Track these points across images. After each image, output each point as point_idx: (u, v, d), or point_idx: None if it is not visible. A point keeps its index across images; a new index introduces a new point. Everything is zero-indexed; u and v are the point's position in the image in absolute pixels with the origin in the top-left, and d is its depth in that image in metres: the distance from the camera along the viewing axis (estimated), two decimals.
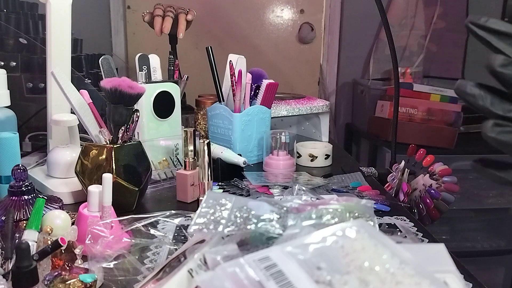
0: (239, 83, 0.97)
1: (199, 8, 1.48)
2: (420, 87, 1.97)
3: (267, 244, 0.44)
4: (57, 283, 0.48)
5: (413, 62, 2.30)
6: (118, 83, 0.69)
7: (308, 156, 1.04)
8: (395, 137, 1.14)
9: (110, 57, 0.89)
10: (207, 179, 0.74)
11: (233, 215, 0.45)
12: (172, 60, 1.02)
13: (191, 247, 0.46)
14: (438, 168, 0.89)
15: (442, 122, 1.93)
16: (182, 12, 1.27)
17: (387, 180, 0.99)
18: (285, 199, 0.52)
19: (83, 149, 0.74)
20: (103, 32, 2.20)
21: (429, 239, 0.67)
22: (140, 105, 0.83)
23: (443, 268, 0.40)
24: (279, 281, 0.35)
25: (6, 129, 0.77)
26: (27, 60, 1.09)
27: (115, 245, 0.54)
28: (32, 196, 0.62)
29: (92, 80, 1.23)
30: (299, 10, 2.29)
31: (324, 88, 2.38)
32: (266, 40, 2.29)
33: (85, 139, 0.85)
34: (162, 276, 0.44)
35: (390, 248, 0.38)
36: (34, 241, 0.53)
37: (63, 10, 0.85)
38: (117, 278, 0.52)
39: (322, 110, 1.22)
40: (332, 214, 0.45)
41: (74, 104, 0.74)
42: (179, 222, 0.62)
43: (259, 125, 1.02)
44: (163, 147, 0.92)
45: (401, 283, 0.35)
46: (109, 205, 0.60)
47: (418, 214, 0.89)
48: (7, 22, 1.13)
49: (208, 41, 1.99)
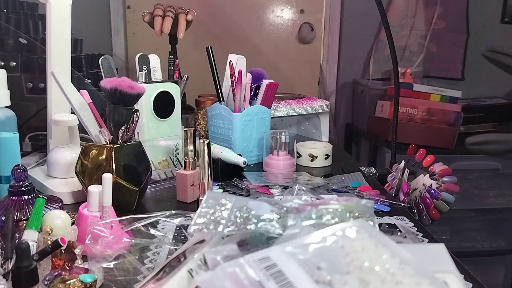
0: (239, 83, 0.97)
1: (199, 8, 1.48)
2: (420, 87, 1.97)
3: (267, 244, 0.44)
4: (57, 283, 0.48)
5: (413, 62, 2.30)
6: (118, 83, 0.69)
7: (308, 156, 1.04)
8: (395, 137, 1.14)
9: (110, 57, 0.89)
10: (207, 179, 0.74)
11: (233, 215, 0.45)
12: (172, 60, 1.02)
13: (191, 247, 0.46)
14: (438, 168, 0.89)
15: (442, 122, 1.93)
16: (182, 12, 1.27)
17: (387, 180, 0.99)
18: (285, 199, 0.52)
19: (83, 149, 0.74)
20: (103, 32, 2.20)
21: (429, 239, 0.67)
22: (140, 105, 0.83)
23: (443, 268, 0.40)
24: (279, 281, 0.35)
25: (6, 129, 0.77)
26: (27, 60, 1.09)
27: (115, 245, 0.55)
28: (32, 196, 0.62)
29: (92, 80, 1.22)
30: (299, 10, 2.29)
31: (324, 88, 2.38)
32: (266, 40, 2.29)
33: (85, 139, 0.85)
34: (162, 276, 0.44)
35: (390, 248, 0.38)
36: (34, 241, 0.53)
37: (63, 10, 0.85)
38: (117, 278, 0.52)
39: (322, 110, 1.22)
40: (332, 214, 0.45)
41: (74, 104, 0.74)
42: (179, 222, 0.62)
43: (259, 125, 1.02)
44: (163, 147, 0.92)
45: (401, 283, 0.35)
46: (109, 205, 0.60)
47: (418, 214, 0.89)
48: (7, 22, 1.13)
49: (208, 41, 1.99)
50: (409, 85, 1.97)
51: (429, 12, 2.29)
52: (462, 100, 1.98)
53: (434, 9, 2.28)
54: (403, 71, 2.18)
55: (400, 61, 2.24)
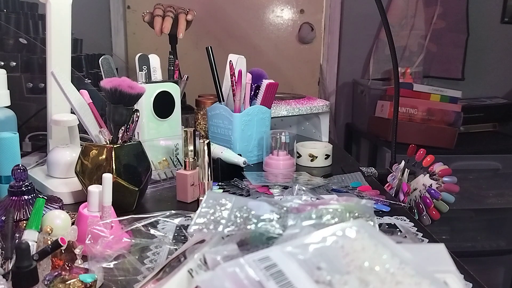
0: (239, 83, 0.97)
1: (199, 8, 1.48)
2: (420, 87, 1.97)
3: (267, 244, 0.44)
4: (57, 283, 0.48)
5: (413, 62, 2.30)
6: (118, 83, 0.69)
7: (308, 156, 1.04)
8: (395, 137, 1.14)
9: (110, 57, 0.89)
10: (207, 179, 0.74)
11: (233, 215, 0.45)
12: (172, 60, 1.02)
13: (191, 247, 0.46)
14: (438, 168, 0.89)
15: (442, 122, 1.93)
16: (182, 12, 1.27)
17: (387, 180, 0.99)
18: (285, 199, 0.52)
19: (83, 149, 0.74)
20: (103, 32, 2.20)
21: (429, 239, 0.67)
22: (140, 105, 0.83)
23: (443, 268, 0.40)
24: (279, 281, 0.35)
25: (6, 129, 0.77)
26: (27, 60, 1.09)
27: (115, 245, 0.54)
28: (32, 196, 0.62)
29: (92, 80, 1.22)
30: (299, 10, 2.29)
31: (324, 88, 2.38)
32: (266, 40, 2.29)
33: (85, 139, 0.85)
34: (162, 276, 0.44)
35: (390, 248, 0.38)
36: (34, 241, 0.53)
37: (63, 10, 0.85)
38: (117, 278, 0.52)
39: (322, 110, 1.22)
40: (332, 214, 0.45)
41: (74, 104, 0.74)
42: (179, 222, 0.62)
43: (259, 125, 1.02)
44: (163, 147, 0.92)
45: (401, 283, 0.35)
46: (109, 205, 0.60)
47: (418, 214, 0.89)
48: (7, 22, 1.13)
49: (208, 41, 1.99)
50: (409, 85, 1.97)
51: (429, 12, 2.29)
52: (462, 100, 1.99)
53: (434, 9, 2.28)
54: (403, 71, 2.18)
55: (400, 61, 2.24)
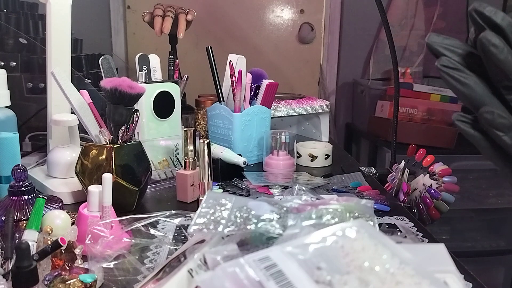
0: (239, 83, 0.97)
1: (199, 8, 1.48)
2: (420, 87, 1.97)
3: (267, 244, 0.44)
4: (57, 283, 0.48)
5: (413, 62, 2.30)
6: (118, 83, 0.69)
7: (308, 156, 1.04)
8: (395, 137, 1.14)
9: (110, 57, 0.89)
10: (207, 179, 0.74)
11: (233, 215, 0.45)
12: (172, 60, 1.02)
13: (191, 247, 0.46)
14: (438, 168, 0.89)
15: (442, 122, 1.93)
16: (182, 12, 1.27)
17: (387, 180, 0.99)
18: (285, 199, 0.52)
19: (83, 149, 0.74)
20: (103, 32, 2.20)
21: (429, 239, 0.67)
22: (140, 105, 0.83)
23: (443, 268, 0.40)
24: (279, 281, 0.35)
25: (6, 129, 0.76)
26: (27, 60, 1.09)
27: (115, 245, 0.54)
28: (32, 196, 0.62)
29: (92, 80, 1.23)
30: (299, 10, 2.29)
31: (324, 88, 2.38)
32: (266, 40, 2.29)
33: (85, 139, 0.85)
34: (162, 276, 0.44)
35: (390, 248, 0.38)
36: (34, 241, 0.53)
37: (63, 10, 0.85)
38: (117, 278, 0.52)
39: (322, 110, 1.22)
40: (332, 214, 0.45)
41: (74, 104, 0.74)
42: (179, 222, 0.62)
43: (259, 125, 1.02)
44: (163, 147, 0.92)
45: (401, 283, 0.34)
46: (109, 205, 0.60)
47: (418, 214, 0.89)
48: (7, 22, 1.13)
49: (208, 41, 1.99)
50: (409, 85, 1.97)
51: (429, 12, 2.29)
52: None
53: (434, 9, 2.28)
54: (403, 71, 2.18)
55: (400, 61, 2.24)
